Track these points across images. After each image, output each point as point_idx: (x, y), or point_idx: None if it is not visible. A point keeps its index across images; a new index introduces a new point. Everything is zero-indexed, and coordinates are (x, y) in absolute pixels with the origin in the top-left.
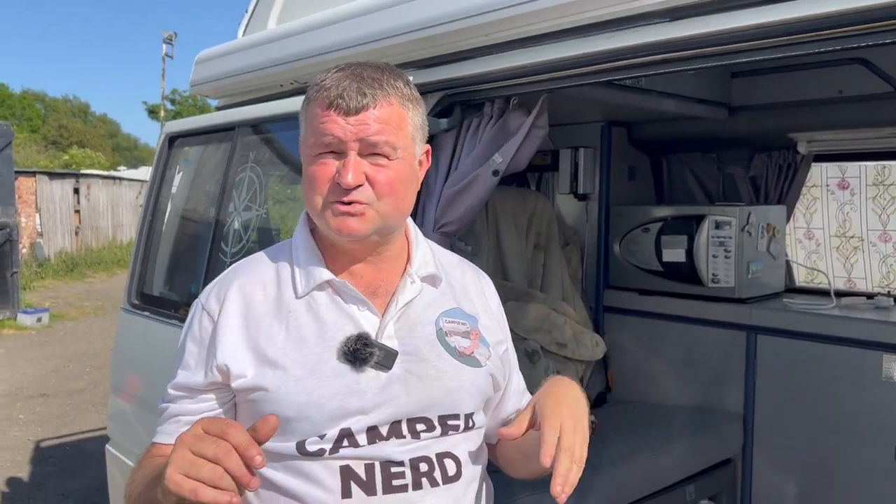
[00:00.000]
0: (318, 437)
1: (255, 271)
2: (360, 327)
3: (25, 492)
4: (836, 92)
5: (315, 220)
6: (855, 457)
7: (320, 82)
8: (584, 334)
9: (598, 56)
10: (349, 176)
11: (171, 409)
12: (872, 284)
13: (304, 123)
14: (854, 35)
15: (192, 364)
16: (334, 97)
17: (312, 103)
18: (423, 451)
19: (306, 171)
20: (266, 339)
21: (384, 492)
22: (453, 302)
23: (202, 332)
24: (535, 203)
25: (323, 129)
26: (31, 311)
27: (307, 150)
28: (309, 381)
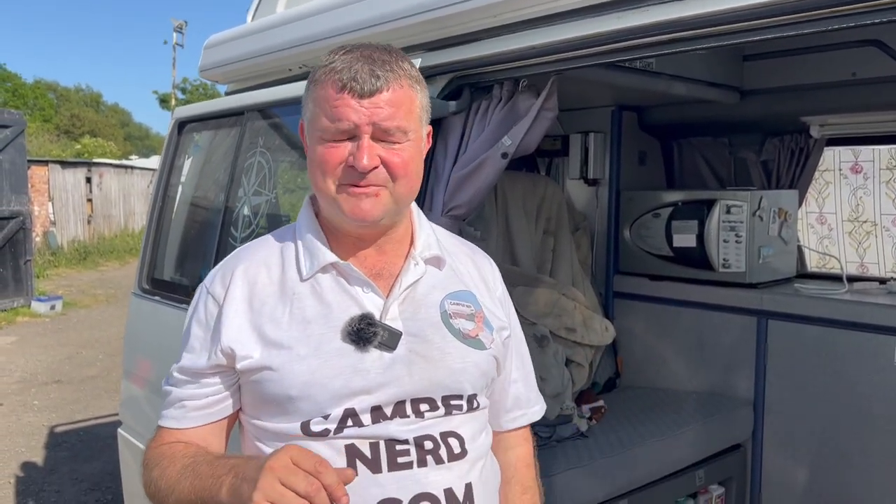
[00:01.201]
0: (322, 417)
1: (258, 254)
2: (364, 308)
3: (40, 476)
4: (850, 74)
5: (324, 203)
6: (865, 442)
7: (328, 64)
8: (593, 319)
9: (608, 36)
10: (365, 159)
11: (176, 394)
12: (885, 269)
13: (311, 105)
14: (866, 12)
15: (196, 347)
16: (347, 80)
17: (322, 84)
18: (427, 430)
19: (315, 153)
20: (271, 322)
21: (389, 469)
22: (459, 284)
23: (207, 316)
24: (544, 188)
25: (337, 112)
26: (44, 298)
27: (316, 132)
28: (313, 360)
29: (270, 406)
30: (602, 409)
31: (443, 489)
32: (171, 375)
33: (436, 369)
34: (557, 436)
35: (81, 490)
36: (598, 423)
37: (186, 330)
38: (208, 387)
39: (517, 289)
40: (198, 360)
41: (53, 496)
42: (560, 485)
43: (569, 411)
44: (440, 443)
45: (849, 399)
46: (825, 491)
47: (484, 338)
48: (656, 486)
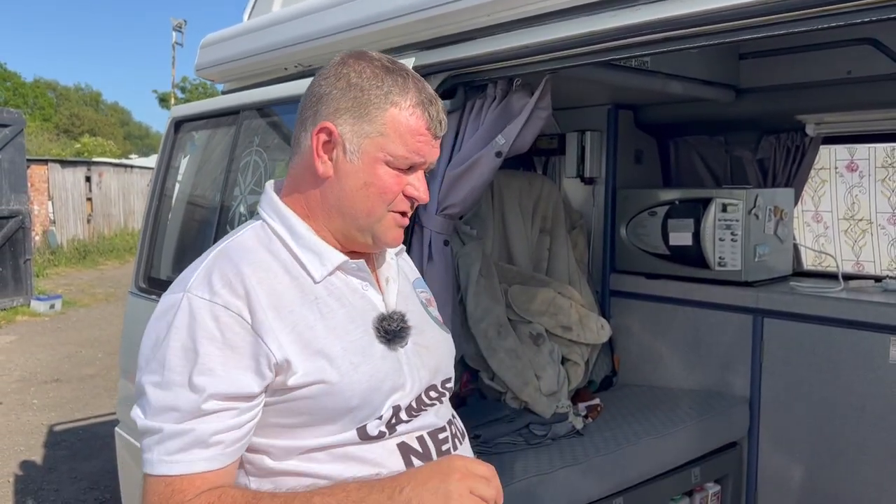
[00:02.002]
0: (377, 419)
1: (255, 259)
2: (375, 306)
3: (39, 475)
4: (845, 73)
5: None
6: (861, 440)
7: (404, 90)
8: (589, 318)
9: (601, 35)
10: (424, 192)
11: (206, 428)
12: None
13: (380, 123)
14: (860, 10)
15: (219, 369)
16: (435, 121)
17: (405, 113)
18: (447, 415)
19: (377, 176)
20: (308, 329)
21: (437, 456)
22: (412, 272)
23: (225, 330)
24: (541, 187)
25: (419, 149)
26: (44, 297)
27: (384, 154)
28: (365, 366)
29: (317, 420)
30: (598, 408)
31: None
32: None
33: (435, 357)
34: (553, 434)
35: (80, 489)
36: (594, 421)
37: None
38: (249, 412)
39: (513, 287)
40: (237, 383)
41: (52, 495)
42: (556, 483)
43: (565, 409)
44: (455, 424)
45: (845, 397)
46: (821, 488)
47: (444, 321)
48: (652, 484)
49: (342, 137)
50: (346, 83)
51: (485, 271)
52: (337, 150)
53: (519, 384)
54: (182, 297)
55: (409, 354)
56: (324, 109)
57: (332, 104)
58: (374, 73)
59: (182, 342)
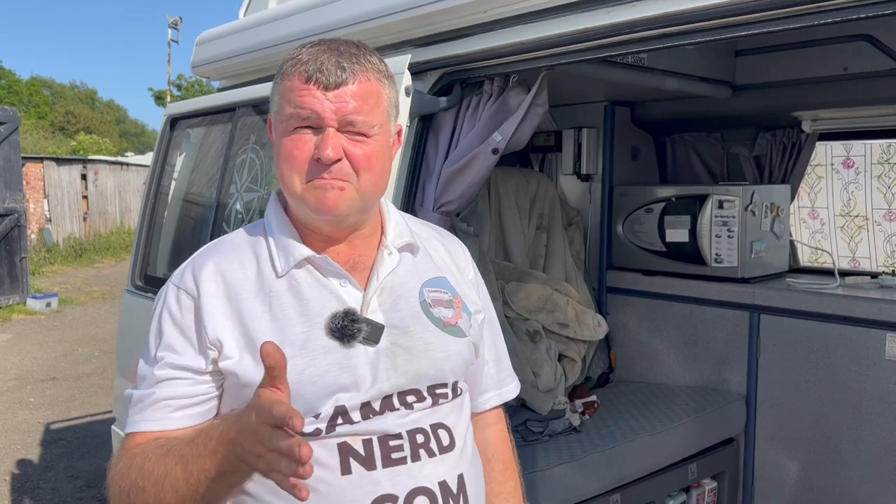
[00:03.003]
0: (313, 416)
1: (230, 251)
2: (344, 303)
3: (36, 473)
4: (841, 69)
5: (290, 199)
6: (857, 436)
7: (295, 56)
8: (585, 314)
9: (597, 31)
10: (329, 150)
11: (158, 394)
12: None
13: (277, 98)
14: (855, 6)
15: (178, 346)
16: (313, 71)
17: (288, 77)
18: (417, 423)
19: (281, 146)
20: (251, 320)
21: (384, 465)
22: (434, 271)
23: (183, 312)
24: (537, 184)
25: (301, 101)
26: (40, 296)
27: (281, 123)
28: (300, 359)
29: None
30: (595, 404)
31: (437, 482)
32: (145, 377)
33: (419, 360)
34: (550, 430)
35: (77, 487)
36: (591, 417)
37: (157, 330)
38: (202, 384)
39: (510, 284)
40: (187, 358)
41: (49, 493)
42: (553, 479)
43: (561, 406)
44: (430, 435)
45: (840, 393)
46: (817, 484)
47: (463, 324)
48: (649, 481)
49: (271, 122)
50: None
51: (482, 268)
52: (273, 135)
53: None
54: (165, 286)
55: (380, 354)
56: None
57: (270, 93)
58: (292, 52)
59: (156, 322)
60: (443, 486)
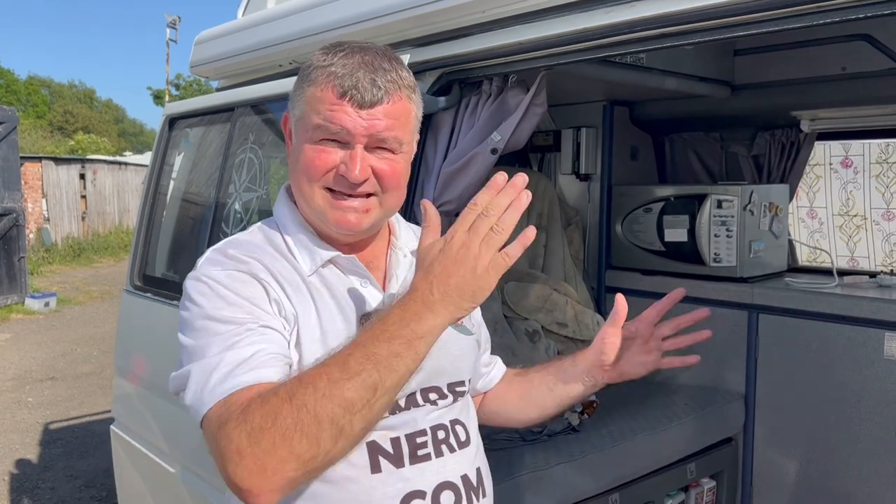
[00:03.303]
0: None
1: (255, 246)
2: (368, 303)
3: (35, 473)
4: (840, 69)
5: (305, 204)
6: (856, 435)
7: (327, 66)
8: (585, 314)
9: (595, 31)
10: (357, 170)
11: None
12: (875, 263)
13: (303, 103)
14: (854, 6)
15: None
16: (349, 87)
17: (318, 86)
18: (439, 420)
19: (302, 152)
20: (301, 309)
21: (411, 462)
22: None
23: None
24: (536, 183)
25: (332, 116)
26: (38, 295)
27: (306, 131)
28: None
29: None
30: (594, 404)
31: (459, 476)
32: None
33: (438, 359)
34: (549, 430)
35: (76, 487)
36: (590, 417)
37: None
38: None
39: (509, 284)
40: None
41: (48, 493)
42: (552, 479)
43: None
44: (450, 431)
45: (839, 392)
46: (816, 483)
47: (467, 323)
48: (648, 480)
49: (288, 120)
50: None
51: None
52: (290, 133)
53: None
54: (195, 274)
55: None
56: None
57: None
58: (316, 54)
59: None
60: (464, 480)
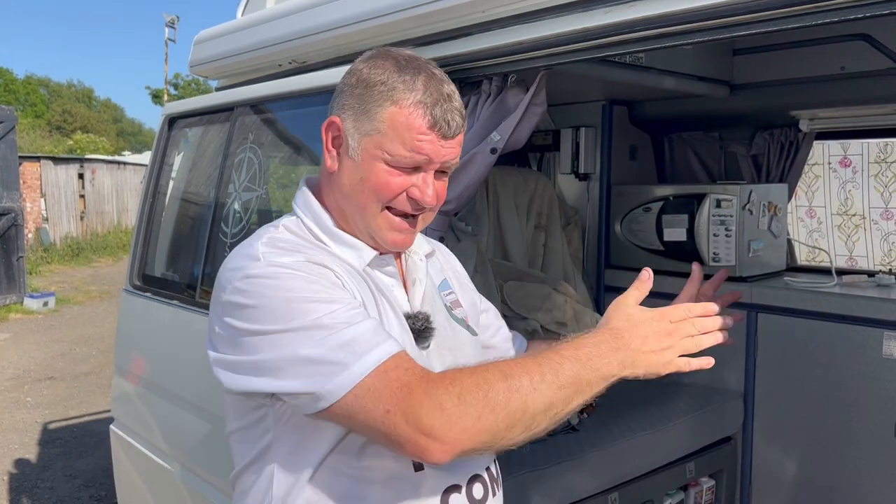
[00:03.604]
0: None
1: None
2: (401, 305)
3: (33, 472)
4: (839, 68)
5: (356, 219)
6: (855, 434)
7: (411, 89)
8: (584, 314)
9: (595, 31)
10: (430, 194)
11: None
12: (874, 262)
13: (380, 121)
14: (853, 6)
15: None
16: (439, 120)
17: (406, 111)
18: None
19: (374, 172)
20: (367, 301)
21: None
22: (440, 275)
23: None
24: (535, 183)
25: (420, 147)
26: (37, 295)
27: (383, 153)
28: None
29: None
30: (593, 403)
31: (485, 469)
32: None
33: (457, 359)
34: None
35: (75, 486)
36: (590, 416)
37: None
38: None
39: (508, 283)
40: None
41: (47, 493)
42: (551, 478)
43: None
44: None
45: (838, 391)
46: (815, 481)
47: (472, 323)
48: (647, 479)
49: (346, 133)
50: (357, 80)
51: (480, 268)
52: (343, 146)
53: None
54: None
55: (432, 356)
56: (336, 105)
57: (342, 100)
58: (384, 69)
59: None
60: (488, 473)
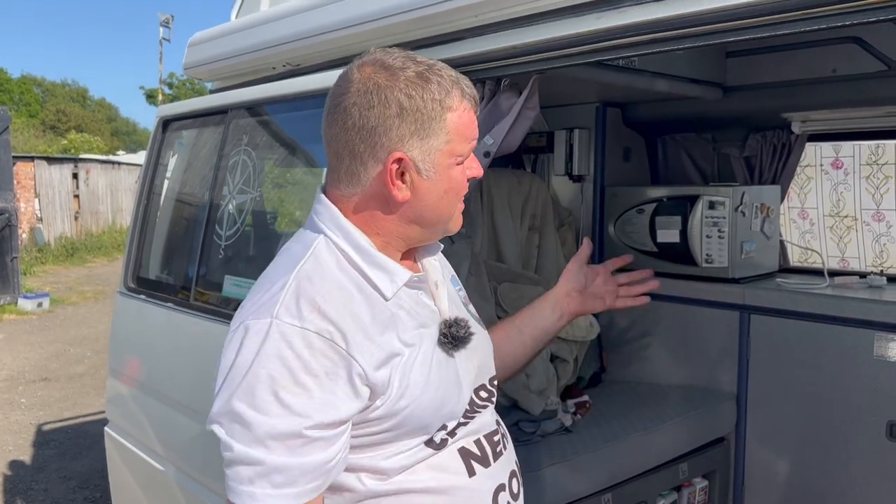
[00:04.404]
0: (443, 430)
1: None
2: (437, 312)
3: (28, 474)
4: (830, 71)
5: (440, 225)
6: (847, 434)
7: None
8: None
9: (587, 36)
10: (480, 168)
11: (315, 459)
12: (866, 264)
13: (444, 132)
14: (844, 13)
15: (318, 397)
16: (475, 100)
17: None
18: (494, 415)
19: (452, 179)
20: (392, 351)
21: (494, 459)
22: (448, 271)
23: (319, 358)
24: (529, 185)
25: (474, 133)
26: (31, 295)
27: (453, 158)
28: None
29: (395, 440)
30: (587, 404)
31: (514, 462)
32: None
33: (480, 357)
34: (542, 431)
35: (70, 488)
36: (583, 417)
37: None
38: (344, 434)
39: (503, 285)
40: (337, 409)
41: (42, 494)
42: (545, 480)
43: (553, 407)
44: (500, 422)
45: (830, 392)
46: (807, 482)
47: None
48: (640, 480)
49: (413, 161)
50: (399, 108)
51: (474, 269)
52: (410, 174)
53: (508, 382)
54: (270, 323)
55: (462, 358)
56: (384, 140)
57: (393, 132)
58: (417, 86)
59: (274, 371)
60: (517, 465)
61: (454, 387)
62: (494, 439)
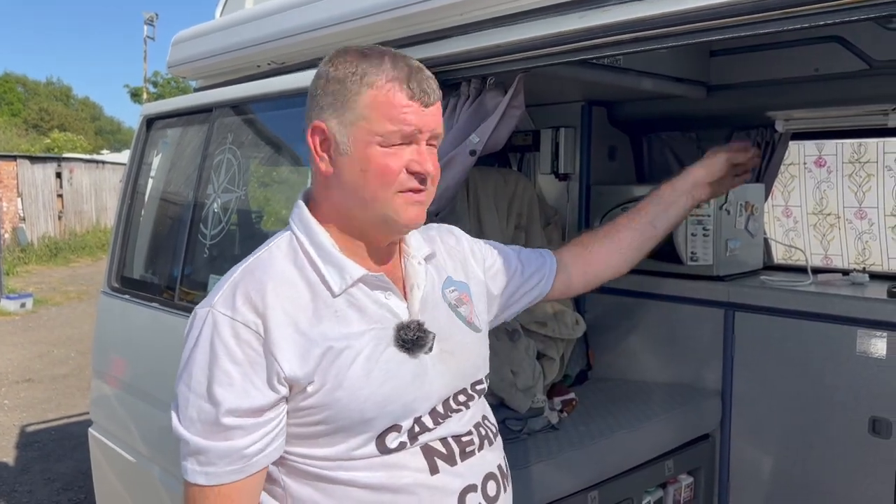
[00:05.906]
0: (396, 432)
1: (275, 271)
2: (396, 315)
3: (11, 476)
4: (813, 70)
5: (369, 212)
6: (831, 430)
7: (383, 70)
8: (564, 313)
9: (571, 35)
10: (429, 165)
11: (232, 445)
12: (848, 261)
13: (361, 108)
14: (825, 12)
15: (238, 383)
16: (416, 89)
17: (381, 90)
18: (475, 418)
19: (371, 159)
20: (325, 342)
21: (462, 459)
22: (444, 272)
23: (243, 346)
24: (515, 183)
25: (406, 118)
26: (14, 296)
27: (373, 136)
28: (379, 374)
29: (337, 432)
30: (573, 402)
31: (496, 466)
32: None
33: (461, 362)
34: (528, 429)
35: (54, 490)
36: (569, 415)
37: (210, 368)
38: (268, 423)
39: None
40: (252, 398)
41: (26, 496)
42: (531, 478)
43: (540, 404)
44: (483, 426)
45: (814, 388)
46: (792, 477)
47: (475, 321)
48: (626, 477)
49: (332, 132)
50: (326, 80)
51: None
52: (333, 147)
53: (495, 380)
54: (208, 312)
55: (434, 361)
56: (313, 111)
57: (318, 102)
58: (350, 62)
59: (206, 357)
60: (500, 469)
61: (409, 386)
62: (463, 440)
